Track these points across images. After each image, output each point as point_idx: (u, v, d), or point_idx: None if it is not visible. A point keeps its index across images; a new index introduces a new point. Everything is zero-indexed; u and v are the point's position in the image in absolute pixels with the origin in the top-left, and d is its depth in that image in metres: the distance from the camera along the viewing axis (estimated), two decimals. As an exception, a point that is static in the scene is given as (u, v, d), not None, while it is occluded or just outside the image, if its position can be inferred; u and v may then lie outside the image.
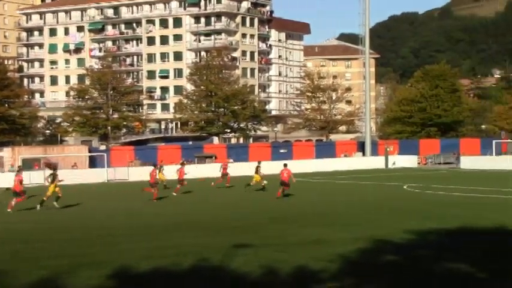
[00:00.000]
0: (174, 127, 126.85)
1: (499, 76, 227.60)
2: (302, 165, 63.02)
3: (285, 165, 38.91)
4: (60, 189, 34.58)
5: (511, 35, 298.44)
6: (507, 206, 30.60)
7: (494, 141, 74.15)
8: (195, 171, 55.54)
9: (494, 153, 71.78)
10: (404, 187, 43.64)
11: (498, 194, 36.55)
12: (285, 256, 17.89)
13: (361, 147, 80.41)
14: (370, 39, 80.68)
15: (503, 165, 63.56)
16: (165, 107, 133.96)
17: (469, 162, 67.64)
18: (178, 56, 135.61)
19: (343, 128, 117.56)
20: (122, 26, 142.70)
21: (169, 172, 48.60)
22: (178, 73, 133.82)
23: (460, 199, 34.93)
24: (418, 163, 75.32)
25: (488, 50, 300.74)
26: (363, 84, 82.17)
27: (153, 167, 40.27)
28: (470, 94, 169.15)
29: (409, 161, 73.90)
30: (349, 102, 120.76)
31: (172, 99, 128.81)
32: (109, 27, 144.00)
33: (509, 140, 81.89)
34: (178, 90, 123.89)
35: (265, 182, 41.59)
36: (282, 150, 76.40)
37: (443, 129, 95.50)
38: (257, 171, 43.16)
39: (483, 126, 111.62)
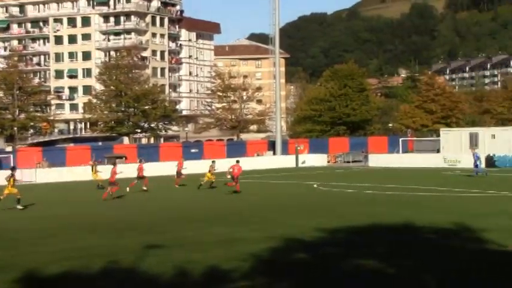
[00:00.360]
0: (83, 127, 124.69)
1: (404, 75, 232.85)
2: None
3: (237, 161, 41.09)
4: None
5: (416, 35, 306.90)
6: (415, 203, 31.38)
7: (401, 140, 75.96)
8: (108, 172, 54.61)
9: (401, 151, 73.50)
10: (315, 186, 44.19)
11: (406, 191, 37.44)
12: (197, 256, 17.85)
13: (271, 146, 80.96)
14: (280, 39, 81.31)
15: (410, 162, 65.15)
16: (73, 107, 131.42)
17: (377, 160, 69.02)
18: (87, 56, 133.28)
19: (254, 127, 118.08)
20: (28, 25, 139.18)
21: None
22: (87, 73, 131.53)
23: (369, 197, 35.61)
24: (328, 162, 76.35)
25: (394, 50, 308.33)
26: (274, 84, 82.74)
27: (113, 166, 40.59)
28: (378, 93, 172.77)
29: (319, 160, 74.84)
30: (259, 101, 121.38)
31: (81, 99, 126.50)
32: (14, 26, 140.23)
33: (415, 138, 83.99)
34: (87, 90, 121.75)
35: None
36: (193, 150, 76.12)
37: (352, 127, 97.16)
38: (210, 169, 43.79)
39: (390, 125, 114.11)
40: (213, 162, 45.71)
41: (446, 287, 14.19)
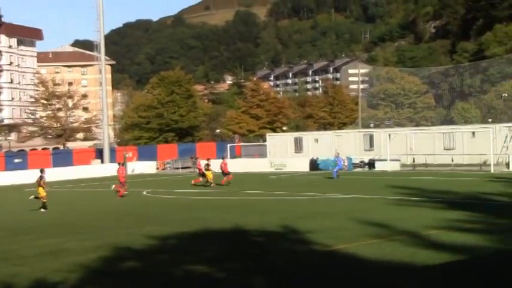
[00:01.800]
0: None
1: (231, 82, 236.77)
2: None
3: (223, 157, 49.59)
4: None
5: (240, 42, 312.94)
6: (243, 207, 31.88)
7: (228, 145, 77.07)
8: None
9: (229, 157, 74.52)
10: (144, 193, 43.86)
11: (235, 196, 37.96)
12: (22, 269, 17.22)
13: (99, 154, 79.60)
14: (105, 45, 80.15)
15: (238, 167, 66.04)
16: None
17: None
18: None
19: (80, 135, 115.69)
20: None
21: None
22: None
23: (199, 202, 35.79)
24: (157, 168, 76.03)
25: (220, 57, 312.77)
26: (100, 91, 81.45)
27: (118, 165, 43.71)
28: (205, 99, 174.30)
29: (147, 167, 74.38)
30: (86, 109, 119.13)
31: None
32: None
33: (242, 143, 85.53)
34: None
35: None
36: (16, 160, 73.43)
37: (181, 134, 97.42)
38: (208, 168, 46.79)
39: (218, 131, 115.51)
40: (208, 160, 48.31)
41: None
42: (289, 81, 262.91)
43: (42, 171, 36.24)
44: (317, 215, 26.75)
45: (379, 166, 57.76)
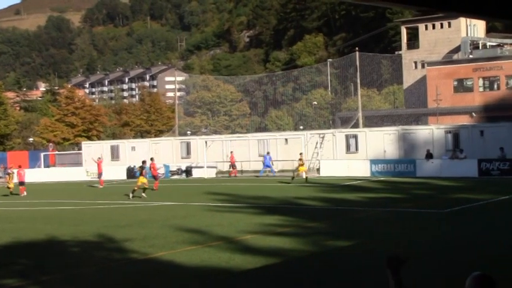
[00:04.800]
0: None
1: (44, 89, 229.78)
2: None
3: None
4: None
5: (54, 48, 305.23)
6: (58, 217, 31.04)
7: (42, 154, 74.86)
8: None
9: (43, 166, 72.41)
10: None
11: (49, 206, 36.86)
12: None
13: None
14: None
15: (52, 176, 64.37)
16: None
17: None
18: None
19: None
20: None
21: None
22: None
23: (10, 213, 34.39)
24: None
25: (32, 63, 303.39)
26: None
27: (151, 161, 45.71)
28: (17, 107, 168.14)
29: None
30: None
31: None
32: None
33: (57, 152, 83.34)
34: None
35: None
36: None
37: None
38: (301, 162, 47.34)
39: (31, 139, 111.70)
40: (301, 154, 48.61)
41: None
42: (105, 88, 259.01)
43: (144, 162, 40.66)
44: (134, 224, 26.56)
45: (196, 173, 58.27)
